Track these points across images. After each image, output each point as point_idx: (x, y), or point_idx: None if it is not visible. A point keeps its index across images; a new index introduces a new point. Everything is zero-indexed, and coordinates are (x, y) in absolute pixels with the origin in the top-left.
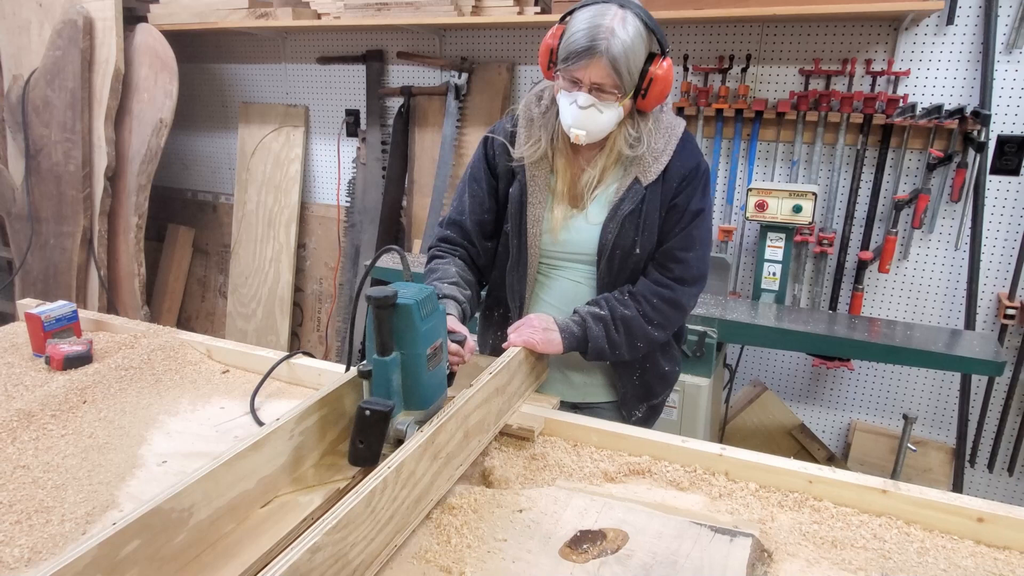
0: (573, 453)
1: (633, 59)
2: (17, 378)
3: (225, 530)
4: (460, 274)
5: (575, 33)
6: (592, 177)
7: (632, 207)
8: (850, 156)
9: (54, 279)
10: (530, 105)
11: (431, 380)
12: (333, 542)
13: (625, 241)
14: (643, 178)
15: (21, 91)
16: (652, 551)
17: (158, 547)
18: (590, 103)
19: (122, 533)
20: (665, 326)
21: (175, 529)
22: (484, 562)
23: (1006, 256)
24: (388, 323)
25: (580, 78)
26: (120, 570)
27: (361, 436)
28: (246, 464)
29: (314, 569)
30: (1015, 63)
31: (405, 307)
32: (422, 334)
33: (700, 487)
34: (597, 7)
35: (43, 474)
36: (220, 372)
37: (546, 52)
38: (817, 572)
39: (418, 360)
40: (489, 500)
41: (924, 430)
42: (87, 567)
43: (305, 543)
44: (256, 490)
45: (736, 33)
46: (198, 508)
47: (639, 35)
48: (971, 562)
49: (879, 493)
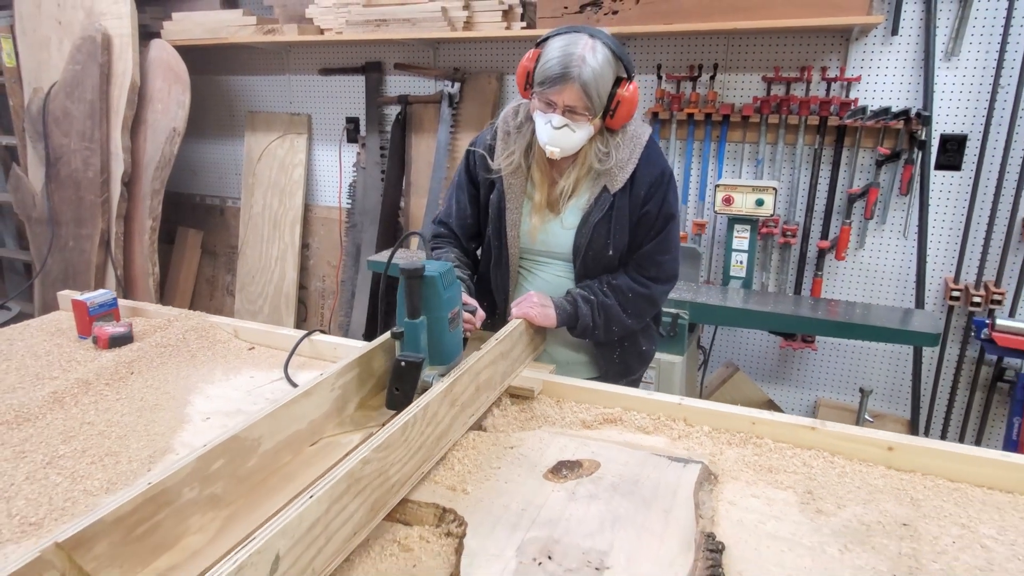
0: (557, 407)
1: (602, 84)
2: (69, 355)
3: (284, 460)
4: (460, 258)
5: (550, 60)
6: (566, 188)
7: (601, 215)
8: (809, 155)
9: (73, 279)
10: (507, 119)
11: (451, 340)
12: (378, 458)
13: (597, 244)
14: (611, 186)
15: (41, 103)
16: (619, 475)
17: (236, 467)
18: (563, 123)
19: (211, 452)
20: (639, 317)
21: (248, 454)
22: (481, 483)
23: (951, 244)
24: (417, 291)
25: (555, 101)
26: (211, 480)
27: (397, 384)
28: (299, 408)
29: (364, 477)
30: (953, 69)
31: (431, 277)
32: (444, 300)
33: (662, 431)
34: (570, 36)
35: (106, 428)
36: (247, 349)
37: (523, 74)
38: (753, 490)
39: (441, 322)
40: (486, 440)
41: (882, 405)
42: (188, 475)
43: (358, 455)
44: (307, 430)
45: (704, 44)
46: (264, 439)
47: (607, 62)
48: (881, 482)
49: (809, 430)
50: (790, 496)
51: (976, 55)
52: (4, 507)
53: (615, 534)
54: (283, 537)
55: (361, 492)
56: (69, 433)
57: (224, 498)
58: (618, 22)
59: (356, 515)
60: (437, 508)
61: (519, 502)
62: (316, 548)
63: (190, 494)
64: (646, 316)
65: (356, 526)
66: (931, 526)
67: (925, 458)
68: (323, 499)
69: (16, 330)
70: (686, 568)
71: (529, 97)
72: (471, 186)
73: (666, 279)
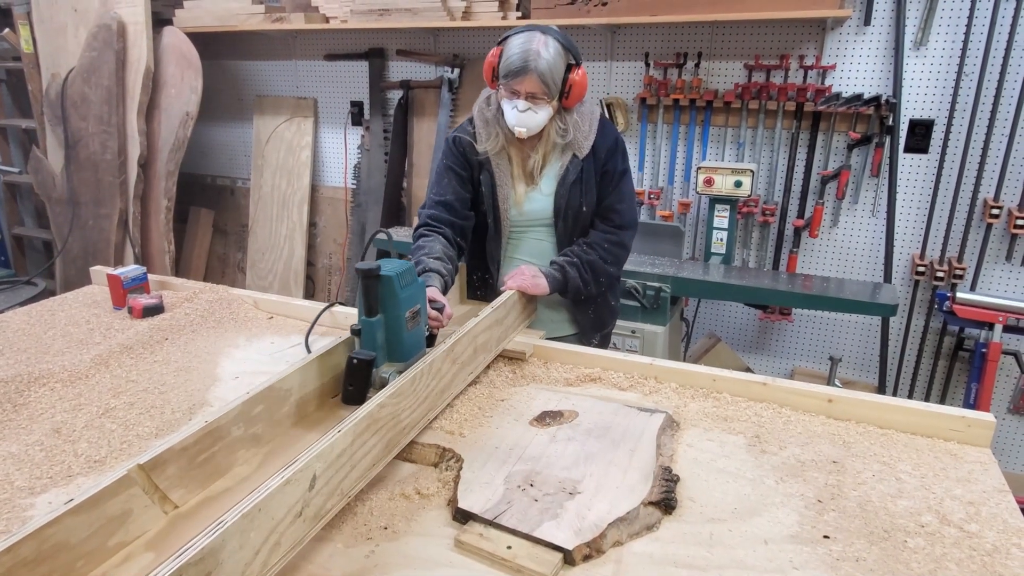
0: (544, 368)
1: (556, 72)
2: (107, 325)
3: (310, 409)
4: (444, 251)
5: (511, 56)
6: (536, 160)
7: (575, 176)
8: (787, 139)
9: (93, 256)
10: (482, 109)
11: (410, 338)
12: (392, 403)
13: (574, 203)
14: (579, 153)
15: (60, 88)
16: (594, 422)
17: (272, 412)
18: (527, 107)
19: (253, 399)
20: (617, 263)
21: (282, 402)
22: (475, 429)
23: (918, 222)
24: (374, 290)
25: (518, 90)
26: (253, 423)
27: (350, 380)
28: (321, 364)
29: (380, 419)
30: (922, 57)
31: (387, 278)
32: (401, 300)
33: (636, 387)
34: (526, 34)
35: (149, 385)
36: (267, 318)
37: (489, 69)
38: (710, 435)
39: (399, 321)
40: (481, 394)
41: (852, 373)
42: (235, 417)
43: (375, 401)
44: (329, 383)
45: (689, 34)
46: (294, 391)
47: (559, 54)
48: (820, 428)
49: (761, 386)
50: (740, 440)
51: (943, 45)
52: (71, 448)
53: (587, 467)
54: (319, 460)
55: (379, 431)
56: (117, 389)
57: (263, 437)
58: (607, 13)
59: (374, 450)
60: (438, 448)
61: (508, 443)
62: (343, 473)
63: (237, 432)
64: (622, 261)
65: (374, 459)
66: (856, 463)
67: (860, 408)
68: (348, 433)
69: (55, 302)
70: (644, 493)
71: (496, 88)
72: (461, 169)
73: (629, 224)
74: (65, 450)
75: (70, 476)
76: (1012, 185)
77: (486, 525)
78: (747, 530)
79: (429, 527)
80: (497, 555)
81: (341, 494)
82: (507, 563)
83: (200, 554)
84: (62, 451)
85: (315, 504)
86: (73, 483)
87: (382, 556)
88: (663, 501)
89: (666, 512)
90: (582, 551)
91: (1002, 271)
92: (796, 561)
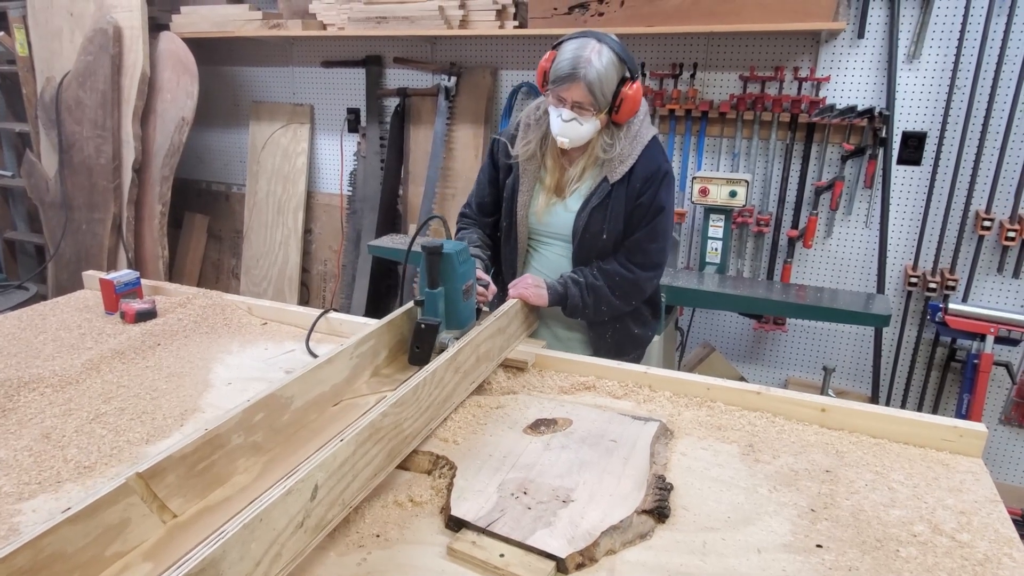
0: (538, 376)
1: (607, 83)
2: (99, 329)
3: (311, 417)
4: (481, 239)
5: (562, 61)
6: (573, 175)
7: (599, 201)
8: (781, 149)
9: (86, 261)
10: (530, 112)
11: (465, 308)
12: (394, 412)
13: (594, 228)
14: (611, 177)
15: (54, 92)
16: (588, 430)
17: (273, 420)
18: (572, 117)
19: (254, 407)
20: (625, 299)
21: (282, 410)
22: (470, 437)
23: (911, 233)
24: (436, 266)
25: (564, 97)
26: (253, 430)
27: (418, 343)
28: (322, 372)
29: (382, 428)
30: (915, 70)
31: (448, 255)
32: (459, 274)
33: (630, 396)
34: (581, 40)
35: (140, 390)
36: (260, 324)
37: (541, 73)
38: (703, 444)
39: (456, 293)
40: (476, 403)
41: (846, 382)
42: (236, 425)
43: (377, 409)
44: (330, 392)
45: (685, 45)
46: (295, 399)
47: (612, 64)
48: (814, 438)
49: (755, 395)
50: (734, 449)
51: (935, 58)
52: (60, 453)
53: (581, 475)
54: (321, 470)
55: (380, 440)
56: (108, 395)
57: (264, 446)
58: (604, 23)
59: (376, 459)
60: (431, 455)
61: (501, 451)
62: (345, 483)
63: (237, 440)
64: (632, 299)
65: (376, 468)
66: (849, 472)
67: (853, 418)
68: (351, 442)
69: (47, 307)
70: (637, 501)
71: (546, 93)
72: (492, 170)
73: (652, 266)
74: (55, 456)
75: (59, 482)
76: (1003, 197)
77: (479, 533)
78: (740, 539)
79: (422, 535)
80: (490, 563)
81: (343, 504)
82: (500, 571)
83: (200, 565)
84: (51, 456)
85: (316, 514)
86: (62, 489)
87: (374, 564)
88: (656, 509)
89: (659, 520)
90: (575, 559)
91: (994, 282)
92: (789, 570)
